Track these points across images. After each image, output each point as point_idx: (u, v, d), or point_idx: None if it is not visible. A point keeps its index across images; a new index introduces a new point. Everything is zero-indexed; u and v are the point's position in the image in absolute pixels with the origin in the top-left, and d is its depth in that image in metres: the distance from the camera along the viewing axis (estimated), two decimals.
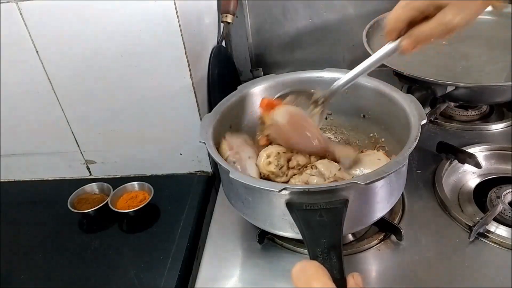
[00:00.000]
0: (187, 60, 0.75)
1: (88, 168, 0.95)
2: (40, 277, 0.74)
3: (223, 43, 1.00)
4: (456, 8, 0.50)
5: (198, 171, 0.92)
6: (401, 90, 0.71)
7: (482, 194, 0.75)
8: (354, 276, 0.43)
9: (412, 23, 0.54)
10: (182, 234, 0.77)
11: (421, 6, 0.52)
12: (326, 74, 0.78)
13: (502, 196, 0.71)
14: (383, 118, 0.74)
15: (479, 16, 0.52)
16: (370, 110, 0.76)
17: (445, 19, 0.50)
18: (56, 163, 0.94)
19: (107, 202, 0.82)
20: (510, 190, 0.72)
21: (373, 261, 0.66)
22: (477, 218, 0.66)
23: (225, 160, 0.64)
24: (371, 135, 0.78)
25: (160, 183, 0.86)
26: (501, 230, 0.66)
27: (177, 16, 0.70)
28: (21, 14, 0.73)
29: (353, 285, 0.42)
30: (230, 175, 0.57)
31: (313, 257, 0.49)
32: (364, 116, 0.77)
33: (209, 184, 0.89)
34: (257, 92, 0.78)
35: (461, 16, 0.50)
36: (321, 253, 0.49)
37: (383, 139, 0.76)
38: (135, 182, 0.86)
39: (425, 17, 0.52)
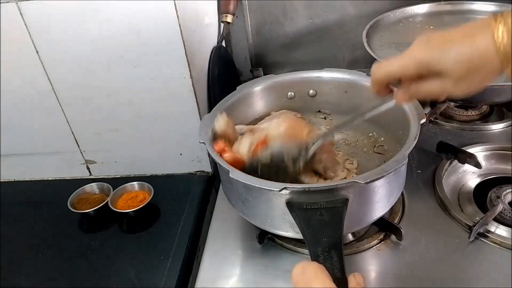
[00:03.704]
0: (187, 60, 0.75)
1: (88, 168, 0.95)
2: (40, 277, 0.74)
3: (223, 43, 1.00)
4: (455, 81, 0.45)
5: (198, 171, 0.92)
6: None
7: (482, 194, 0.75)
8: (356, 276, 0.43)
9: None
10: (182, 234, 0.77)
11: (418, 70, 0.47)
12: (325, 74, 0.79)
13: (502, 196, 0.71)
14: (382, 117, 0.73)
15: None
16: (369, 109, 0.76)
17: (442, 89, 0.47)
18: (56, 163, 0.94)
19: (107, 202, 0.82)
20: (510, 190, 0.72)
21: (373, 261, 0.66)
22: (477, 218, 0.66)
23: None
24: (370, 134, 0.78)
25: (160, 183, 0.86)
26: (501, 230, 0.66)
27: (177, 16, 0.70)
28: (21, 14, 0.73)
29: (354, 285, 0.42)
30: (230, 175, 0.57)
31: (314, 256, 0.49)
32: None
33: (209, 184, 0.89)
34: (257, 92, 0.78)
35: (461, 89, 0.46)
36: (322, 252, 0.49)
37: (382, 139, 0.77)
38: (135, 182, 0.86)
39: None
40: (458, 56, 0.44)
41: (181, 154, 0.89)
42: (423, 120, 0.63)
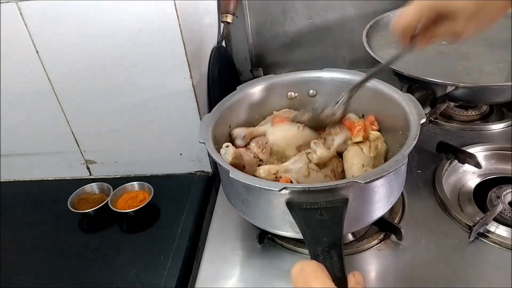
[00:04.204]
0: (187, 60, 0.75)
1: (88, 168, 0.95)
2: (40, 277, 0.74)
3: (223, 43, 1.00)
4: (465, 20, 0.51)
5: (198, 171, 0.92)
6: (401, 90, 0.71)
7: (482, 194, 0.75)
8: (355, 275, 0.43)
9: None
10: (182, 234, 0.77)
11: (431, 15, 0.53)
12: (325, 74, 0.79)
13: (502, 196, 0.71)
14: (383, 117, 0.74)
15: None
16: (369, 109, 0.76)
17: (454, 29, 0.52)
18: (56, 163, 0.94)
19: (107, 202, 0.82)
20: (510, 190, 0.72)
21: (373, 261, 0.66)
22: (477, 218, 0.66)
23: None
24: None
25: (160, 183, 0.86)
26: (501, 230, 0.66)
27: (177, 16, 0.70)
28: (21, 14, 0.73)
29: (354, 284, 0.42)
30: (230, 175, 0.57)
31: (314, 256, 0.49)
32: (363, 115, 0.77)
33: (209, 184, 0.89)
34: (257, 92, 0.78)
35: (471, 26, 0.52)
36: (321, 252, 0.49)
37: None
38: (135, 182, 0.86)
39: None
40: None
41: (181, 154, 0.89)
42: (423, 120, 0.63)
